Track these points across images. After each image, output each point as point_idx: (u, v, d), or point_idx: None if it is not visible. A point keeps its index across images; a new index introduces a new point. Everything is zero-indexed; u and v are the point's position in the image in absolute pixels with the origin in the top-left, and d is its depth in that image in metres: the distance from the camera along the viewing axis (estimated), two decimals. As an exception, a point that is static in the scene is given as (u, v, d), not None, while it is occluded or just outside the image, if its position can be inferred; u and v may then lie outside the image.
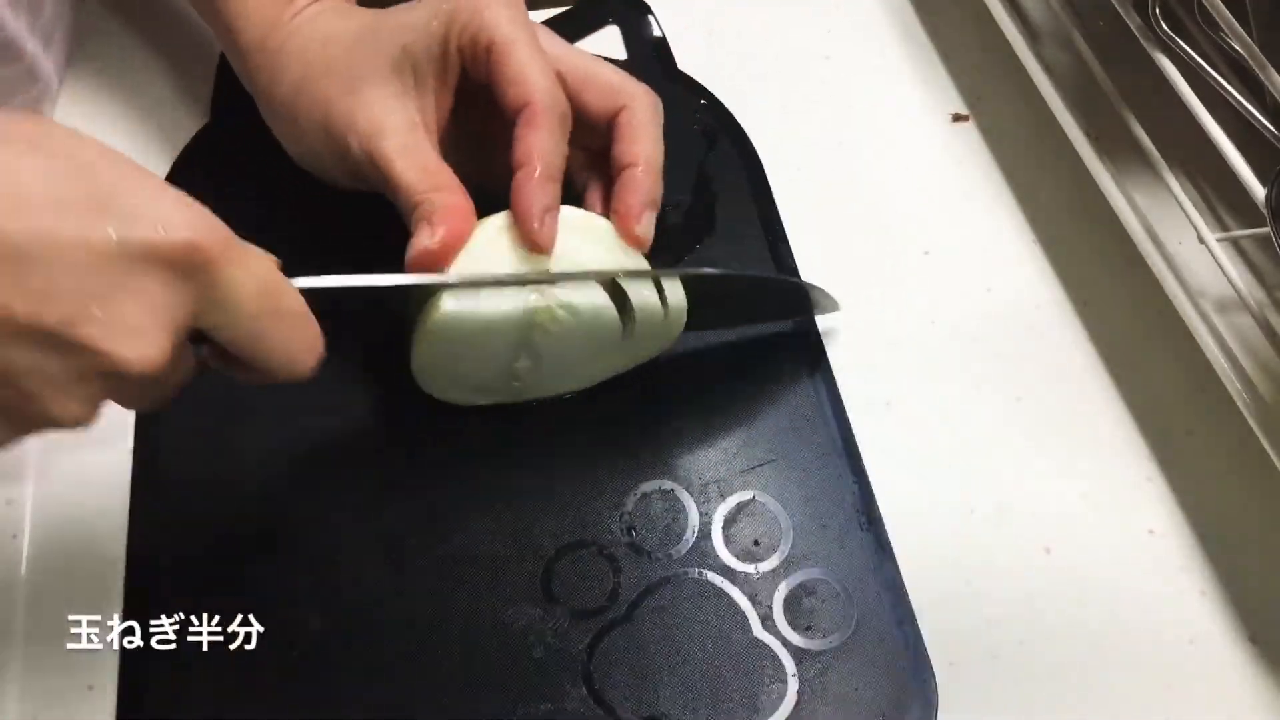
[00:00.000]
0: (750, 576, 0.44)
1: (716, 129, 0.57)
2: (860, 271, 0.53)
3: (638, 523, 0.45)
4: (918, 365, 0.50)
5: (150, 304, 0.32)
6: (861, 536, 0.45)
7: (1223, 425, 0.47)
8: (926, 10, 0.64)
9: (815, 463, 0.47)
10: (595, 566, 0.44)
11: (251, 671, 0.42)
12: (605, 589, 0.44)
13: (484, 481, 0.46)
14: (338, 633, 0.43)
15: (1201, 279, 0.48)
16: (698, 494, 0.46)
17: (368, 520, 0.45)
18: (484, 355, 0.43)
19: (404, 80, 0.45)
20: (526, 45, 0.43)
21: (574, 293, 0.42)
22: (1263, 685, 0.43)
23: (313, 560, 0.44)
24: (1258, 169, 0.44)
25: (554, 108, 0.43)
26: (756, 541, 0.45)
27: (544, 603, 0.43)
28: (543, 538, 0.45)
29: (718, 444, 0.47)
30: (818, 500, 0.46)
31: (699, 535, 0.45)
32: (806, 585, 0.44)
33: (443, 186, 0.43)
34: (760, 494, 0.46)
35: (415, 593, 0.44)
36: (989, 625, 0.44)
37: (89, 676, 0.42)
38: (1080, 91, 0.53)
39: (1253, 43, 0.42)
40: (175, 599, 0.42)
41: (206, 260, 0.32)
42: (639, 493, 0.46)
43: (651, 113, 0.47)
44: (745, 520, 0.45)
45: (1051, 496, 0.47)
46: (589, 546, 0.45)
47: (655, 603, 0.43)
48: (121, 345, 0.31)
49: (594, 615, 0.43)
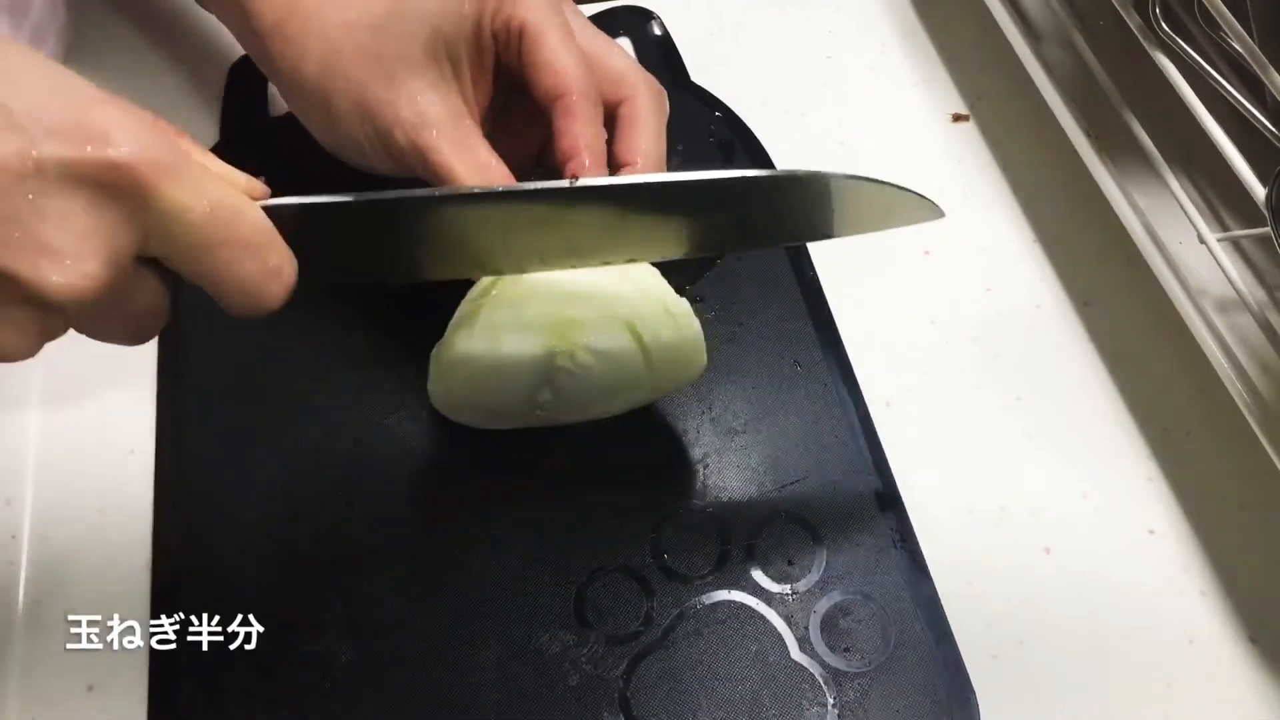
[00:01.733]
0: (785, 597, 0.43)
1: (733, 141, 0.57)
2: (860, 271, 0.53)
3: (668, 546, 0.44)
4: (918, 365, 0.50)
5: (76, 226, 0.30)
6: (896, 554, 0.44)
7: (1223, 425, 0.47)
8: (926, 10, 0.64)
9: (846, 480, 0.46)
10: (628, 590, 0.43)
11: (283, 705, 0.41)
12: (639, 613, 0.43)
13: (512, 505, 0.46)
14: (368, 664, 0.42)
15: (1201, 279, 0.48)
16: (728, 514, 0.45)
17: (396, 547, 0.45)
18: (502, 390, 0.42)
19: (441, 67, 0.43)
20: (558, 29, 0.43)
21: (597, 334, 0.41)
22: (1263, 685, 0.43)
23: (341, 589, 0.43)
24: (1258, 169, 0.44)
25: (589, 94, 0.42)
26: (790, 561, 0.44)
27: (578, 628, 0.43)
28: (573, 562, 0.44)
29: (746, 464, 0.47)
30: (850, 518, 0.45)
31: (732, 557, 0.44)
32: (843, 605, 0.43)
33: (499, 183, 0.43)
34: (792, 513, 0.45)
35: (445, 620, 0.43)
36: (989, 625, 0.44)
37: (89, 676, 0.42)
38: (1080, 91, 0.53)
39: (1253, 43, 0.42)
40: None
41: (136, 180, 0.30)
42: (669, 514, 0.45)
43: (655, 106, 0.46)
44: (778, 540, 0.45)
45: (1051, 496, 0.47)
46: (620, 570, 0.44)
47: (691, 627, 0.43)
48: (44, 270, 0.29)
49: (629, 640, 0.42)
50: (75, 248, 0.30)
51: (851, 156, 0.58)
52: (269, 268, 0.33)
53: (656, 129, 0.46)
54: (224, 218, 0.32)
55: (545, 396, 0.42)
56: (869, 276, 0.53)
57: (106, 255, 0.30)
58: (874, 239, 0.54)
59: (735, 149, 0.56)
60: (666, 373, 0.44)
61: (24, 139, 0.29)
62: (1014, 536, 0.46)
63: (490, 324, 0.41)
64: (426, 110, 0.43)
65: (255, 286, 0.33)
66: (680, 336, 0.43)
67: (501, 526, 0.45)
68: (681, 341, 0.43)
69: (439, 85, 0.43)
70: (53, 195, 0.29)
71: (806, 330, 0.50)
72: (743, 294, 0.51)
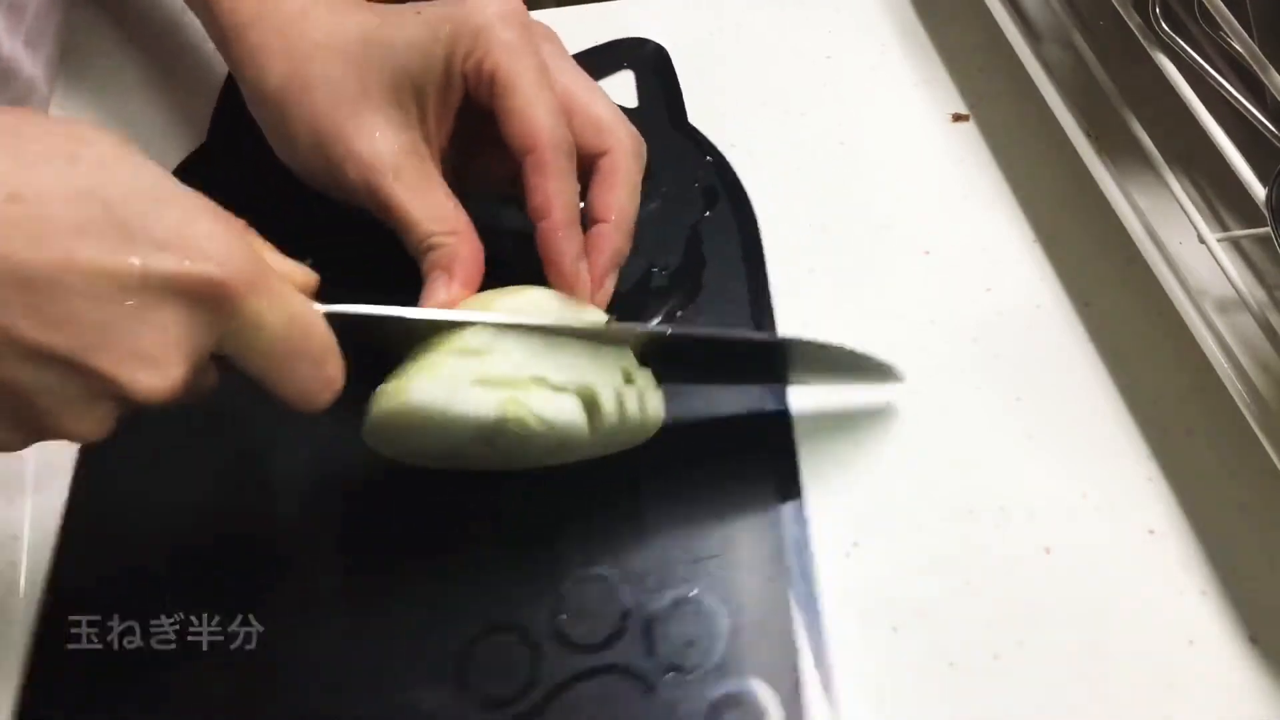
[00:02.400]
0: (678, 681, 0.41)
1: (718, 189, 0.55)
2: (860, 272, 0.53)
3: (568, 609, 0.42)
4: (918, 365, 0.50)
5: (168, 334, 0.31)
6: (801, 648, 0.42)
7: (1223, 425, 0.47)
8: (926, 10, 0.64)
9: (765, 563, 0.43)
10: (516, 653, 0.41)
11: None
12: (521, 678, 0.41)
13: (413, 546, 0.44)
14: (241, 698, 0.40)
15: (1201, 279, 0.48)
16: (635, 584, 0.43)
17: (288, 575, 0.43)
18: (442, 440, 0.40)
19: (405, 105, 0.43)
20: (532, 74, 0.42)
21: (552, 402, 0.39)
22: (1263, 685, 0.43)
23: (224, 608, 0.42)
24: (1258, 169, 0.44)
25: (560, 147, 0.41)
26: (690, 643, 0.41)
27: (455, 688, 0.40)
28: (466, 615, 0.42)
29: (666, 531, 0.44)
30: (762, 604, 0.42)
31: (629, 629, 0.42)
32: (735, 697, 0.40)
33: (455, 229, 0.43)
34: (702, 591, 0.43)
35: (321, 658, 0.41)
36: (989, 625, 0.44)
37: (90, 677, 0.42)
38: (1080, 91, 0.53)
39: (1253, 43, 0.42)
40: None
41: (230, 295, 0.32)
42: (575, 577, 0.43)
43: (634, 158, 0.45)
44: (682, 618, 0.42)
45: (1051, 496, 0.47)
46: (513, 630, 0.42)
47: (571, 700, 0.40)
48: (135, 374, 0.31)
49: (504, 705, 0.40)
50: (165, 353, 0.31)
51: (851, 156, 0.58)
52: (327, 377, 0.36)
53: (634, 184, 0.45)
54: (298, 333, 0.34)
55: (481, 449, 0.41)
56: (869, 276, 0.53)
57: (192, 361, 0.32)
58: (874, 239, 0.54)
59: (719, 196, 0.55)
60: (611, 443, 0.43)
61: (133, 251, 0.30)
62: (1014, 536, 0.46)
63: (453, 376, 0.39)
64: (383, 150, 0.42)
65: (312, 394, 0.36)
66: (636, 408, 0.42)
67: (401, 568, 0.43)
68: (635, 414, 0.42)
69: (400, 124, 0.43)
70: (151, 304, 0.31)
71: (755, 394, 0.48)
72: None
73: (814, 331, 0.50)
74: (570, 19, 0.63)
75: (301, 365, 0.35)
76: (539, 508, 0.45)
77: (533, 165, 0.41)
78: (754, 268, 0.53)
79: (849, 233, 0.55)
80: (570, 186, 0.42)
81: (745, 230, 0.54)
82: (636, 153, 0.45)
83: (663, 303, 0.51)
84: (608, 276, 0.44)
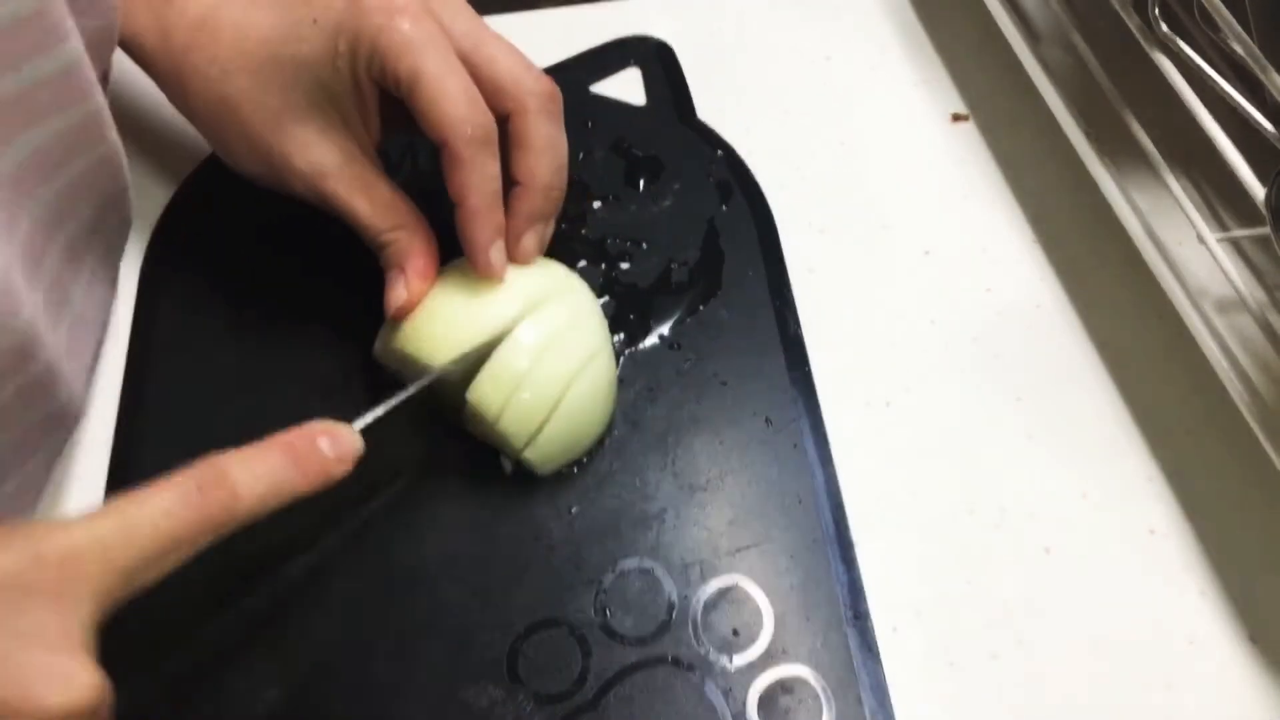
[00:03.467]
0: (726, 669, 0.42)
1: (731, 181, 0.55)
2: (860, 271, 0.53)
3: (613, 603, 0.43)
4: (918, 365, 0.50)
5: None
6: (848, 632, 0.43)
7: (1223, 425, 0.47)
8: (926, 10, 0.64)
9: (805, 550, 0.44)
10: (565, 647, 0.42)
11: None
12: (573, 672, 0.41)
13: (454, 548, 0.44)
14: (293, 706, 0.40)
15: (1201, 279, 0.48)
16: (678, 575, 0.43)
17: (325, 581, 0.43)
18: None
19: (327, 114, 0.44)
20: (433, 69, 0.41)
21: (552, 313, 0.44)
22: (1263, 685, 0.43)
23: (267, 626, 0.42)
24: (1258, 169, 0.44)
25: (474, 138, 0.41)
26: (736, 631, 0.42)
27: (508, 683, 0.41)
28: (512, 613, 0.42)
29: (704, 523, 0.45)
30: (804, 590, 0.43)
31: (676, 620, 0.42)
32: (785, 683, 0.41)
33: (404, 223, 0.44)
34: (744, 580, 0.43)
35: (373, 663, 0.41)
36: (989, 625, 0.44)
37: (90, 677, 0.42)
38: (1080, 91, 0.53)
39: (1253, 43, 0.42)
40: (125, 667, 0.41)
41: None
42: (618, 570, 0.43)
43: (542, 117, 0.44)
44: (726, 607, 0.43)
45: (1051, 496, 0.47)
46: (561, 625, 0.42)
47: (624, 691, 0.41)
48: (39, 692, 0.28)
49: (559, 700, 0.41)
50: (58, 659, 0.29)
51: (851, 156, 0.58)
52: None
53: (547, 140, 0.44)
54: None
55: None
56: (868, 276, 0.53)
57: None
58: (874, 239, 0.54)
59: (732, 190, 0.55)
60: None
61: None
62: (1014, 536, 0.46)
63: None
64: (318, 159, 0.44)
65: None
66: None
67: (440, 569, 0.43)
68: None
69: (328, 131, 0.44)
70: None
71: (783, 386, 0.48)
72: (721, 343, 0.50)
73: (812, 329, 0.50)
74: (570, 19, 0.63)
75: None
76: (576, 502, 0.45)
77: (446, 159, 0.42)
78: (773, 260, 0.53)
79: (849, 233, 0.55)
80: (485, 172, 0.42)
81: (762, 223, 0.54)
82: (544, 108, 0.44)
83: (682, 297, 0.51)
84: (526, 235, 0.44)
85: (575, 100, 0.57)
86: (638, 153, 0.56)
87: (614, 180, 0.55)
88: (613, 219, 0.53)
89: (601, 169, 0.55)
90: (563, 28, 0.59)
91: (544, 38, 0.59)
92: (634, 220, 0.54)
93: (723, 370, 0.49)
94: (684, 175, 0.55)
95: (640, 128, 0.57)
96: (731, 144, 0.57)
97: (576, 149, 0.54)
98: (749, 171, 0.56)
